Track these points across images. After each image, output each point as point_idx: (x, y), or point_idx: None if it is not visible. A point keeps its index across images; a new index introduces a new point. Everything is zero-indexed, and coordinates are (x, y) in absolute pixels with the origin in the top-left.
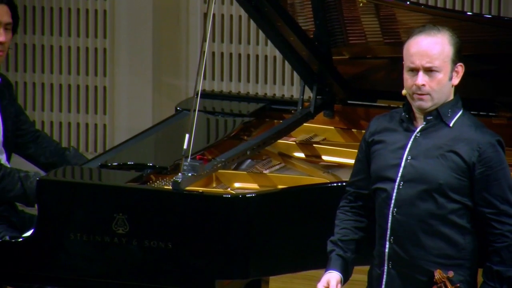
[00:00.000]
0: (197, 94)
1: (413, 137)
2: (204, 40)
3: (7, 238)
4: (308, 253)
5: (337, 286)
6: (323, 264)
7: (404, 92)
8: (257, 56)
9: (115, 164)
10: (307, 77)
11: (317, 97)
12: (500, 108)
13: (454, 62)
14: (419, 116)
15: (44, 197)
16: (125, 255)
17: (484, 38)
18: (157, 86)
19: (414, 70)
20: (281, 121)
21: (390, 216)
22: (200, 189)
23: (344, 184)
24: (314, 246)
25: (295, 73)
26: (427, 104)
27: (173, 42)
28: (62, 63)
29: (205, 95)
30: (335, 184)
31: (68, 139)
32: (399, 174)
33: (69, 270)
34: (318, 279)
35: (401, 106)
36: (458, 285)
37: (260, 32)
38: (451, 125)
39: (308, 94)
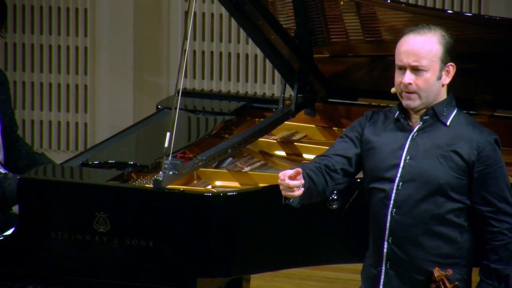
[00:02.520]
0: (178, 93)
1: (410, 137)
2: (185, 38)
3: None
4: (289, 251)
5: (300, 171)
6: (305, 263)
7: (393, 90)
8: (238, 54)
9: (96, 162)
10: (288, 76)
11: (298, 95)
12: (481, 107)
13: (444, 62)
14: (414, 115)
15: (25, 195)
16: (106, 254)
17: (464, 37)
18: (138, 84)
19: (402, 69)
20: (262, 120)
21: (388, 216)
22: (181, 187)
23: None
24: (295, 245)
25: (276, 72)
26: (415, 103)
27: (154, 40)
28: (43, 62)
29: (186, 93)
30: None
31: (49, 138)
32: (398, 175)
33: (50, 268)
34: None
35: (381, 104)
36: (457, 283)
37: (241, 30)
38: (448, 124)
39: (289, 92)
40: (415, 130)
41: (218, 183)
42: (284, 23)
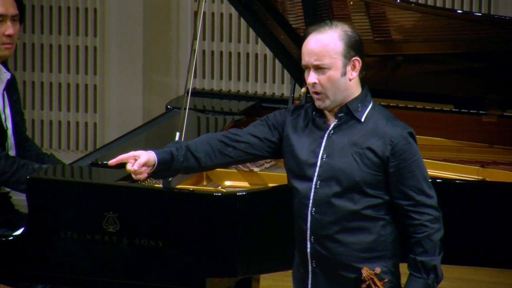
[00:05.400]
0: (188, 92)
1: (326, 135)
2: (194, 38)
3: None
4: None
5: (143, 163)
6: None
7: (303, 89)
8: (247, 54)
9: (106, 162)
10: (298, 75)
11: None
12: (490, 106)
13: (347, 58)
14: (329, 113)
15: (35, 195)
16: (115, 254)
17: (474, 36)
18: (148, 84)
19: (307, 68)
20: None
21: (309, 216)
22: (191, 187)
23: None
24: None
25: (285, 71)
26: (324, 103)
27: (163, 40)
28: (52, 62)
29: (196, 93)
30: None
31: (59, 138)
32: (316, 174)
33: (59, 268)
34: None
35: (391, 103)
36: (386, 280)
37: (251, 30)
38: (362, 119)
39: (299, 92)
40: (331, 128)
41: (227, 183)
42: (293, 23)
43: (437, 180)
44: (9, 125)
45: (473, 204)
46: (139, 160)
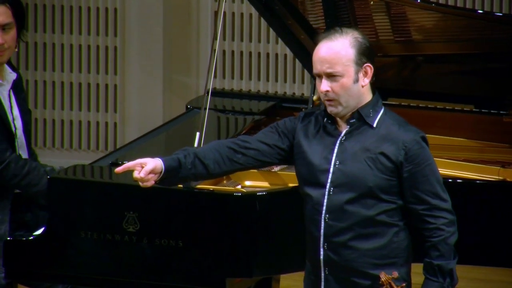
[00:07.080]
0: (208, 92)
1: (338, 141)
2: (214, 38)
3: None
4: None
5: (149, 171)
6: None
7: (315, 98)
8: (267, 54)
9: (126, 162)
10: None
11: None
12: (511, 107)
13: (359, 64)
14: (340, 120)
15: (55, 195)
16: (135, 254)
17: (495, 36)
18: (168, 84)
19: (319, 76)
20: None
21: (322, 222)
22: (211, 187)
23: None
24: None
25: (305, 71)
26: (337, 109)
27: (183, 40)
28: (73, 61)
29: (216, 93)
30: None
31: (79, 138)
32: (329, 180)
33: (79, 268)
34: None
35: (412, 104)
36: (404, 284)
37: (271, 30)
38: (374, 125)
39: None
40: (343, 134)
41: (247, 183)
42: (313, 23)
43: (458, 181)
44: (18, 124)
45: (493, 204)
46: (146, 167)
